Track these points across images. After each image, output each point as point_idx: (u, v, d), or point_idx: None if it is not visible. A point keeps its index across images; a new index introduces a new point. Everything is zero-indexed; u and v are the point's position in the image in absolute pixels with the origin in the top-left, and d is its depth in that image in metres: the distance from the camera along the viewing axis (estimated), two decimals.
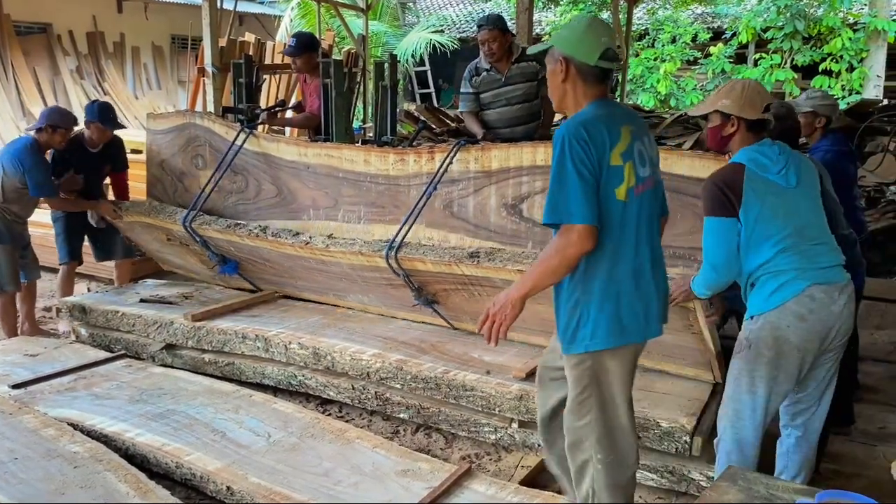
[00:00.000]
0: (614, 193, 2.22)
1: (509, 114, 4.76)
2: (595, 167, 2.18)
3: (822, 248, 2.58)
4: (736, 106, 2.61)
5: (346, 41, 13.11)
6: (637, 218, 2.29)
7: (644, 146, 2.34)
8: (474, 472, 3.05)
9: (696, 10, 17.39)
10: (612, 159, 2.21)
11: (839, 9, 14.05)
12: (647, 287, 2.33)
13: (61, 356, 4.30)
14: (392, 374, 3.71)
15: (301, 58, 5.25)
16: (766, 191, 2.53)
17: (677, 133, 6.78)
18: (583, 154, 2.16)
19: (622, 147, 2.24)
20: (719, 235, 2.56)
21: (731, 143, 2.67)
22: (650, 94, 15.13)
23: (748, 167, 2.56)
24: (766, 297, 2.54)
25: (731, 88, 2.68)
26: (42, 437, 3.20)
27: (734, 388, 2.65)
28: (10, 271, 4.68)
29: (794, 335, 2.50)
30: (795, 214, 2.54)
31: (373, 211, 4.43)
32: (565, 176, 2.18)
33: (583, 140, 2.17)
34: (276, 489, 2.86)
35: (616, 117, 2.29)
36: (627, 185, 2.24)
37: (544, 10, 17.22)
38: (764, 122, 2.64)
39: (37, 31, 12.86)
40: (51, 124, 4.58)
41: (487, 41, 4.65)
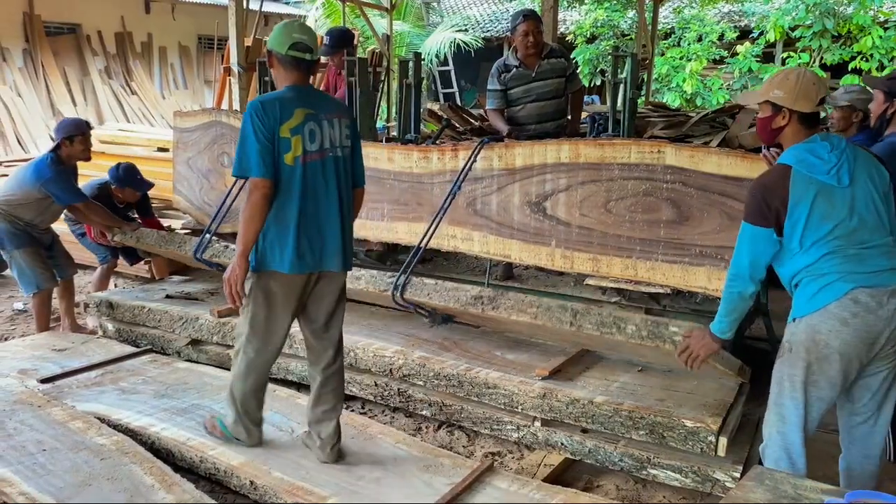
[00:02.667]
0: (283, 158, 2.82)
1: (538, 110, 4.73)
2: (269, 135, 2.78)
3: (874, 250, 2.42)
4: (789, 98, 2.47)
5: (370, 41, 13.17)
6: (303, 179, 2.86)
7: (320, 128, 2.91)
8: (496, 469, 3.04)
9: (722, 8, 17.20)
10: (282, 132, 2.81)
11: (869, 7, 13.83)
12: (315, 232, 2.92)
13: (88, 351, 4.36)
14: (414, 371, 3.71)
15: (338, 56, 5.30)
16: (815, 193, 2.40)
17: (704, 132, 6.70)
18: (259, 124, 2.78)
19: (292, 124, 2.83)
20: (750, 243, 2.50)
21: (782, 136, 2.55)
22: (676, 93, 14.99)
23: (795, 169, 2.43)
24: (808, 299, 2.45)
25: (785, 78, 2.52)
26: (70, 429, 3.24)
27: (777, 392, 2.56)
28: (41, 271, 4.74)
29: (836, 339, 2.39)
30: (846, 215, 2.41)
31: (396, 208, 4.44)
32: (246, 140, 2.79)
33: (259, 114, 2.79)
34: (299, 484, 2.88)
35: (295, 101, 2.87)
36: (294, 154, 2.84)
37: (569, 9, 17.14)
38: (818, 115, 2.52)
39: (66, 31, 13.05)
40: (66, 136, 4.62)
41: (532, 32, 4.61)
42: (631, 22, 15.99)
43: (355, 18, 13.45)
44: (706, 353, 2.69)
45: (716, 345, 2.67)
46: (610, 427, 3.22)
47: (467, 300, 3.55)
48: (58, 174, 4.55)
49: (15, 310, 5.62)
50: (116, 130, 8.72)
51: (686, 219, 3.51)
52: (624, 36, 16.25)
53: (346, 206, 3.03)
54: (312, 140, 2.89)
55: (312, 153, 2.89)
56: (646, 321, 3.06)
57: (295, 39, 2.88)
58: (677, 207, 3.53)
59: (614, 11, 16.34)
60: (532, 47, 4.63)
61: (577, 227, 3.82)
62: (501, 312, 3.45)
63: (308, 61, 2.93)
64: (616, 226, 3.70)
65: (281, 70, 2.93)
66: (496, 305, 3.46)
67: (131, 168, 5.02)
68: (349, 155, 3.06)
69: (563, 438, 3.32)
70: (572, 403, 3.26)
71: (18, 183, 4.65)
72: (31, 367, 4.07)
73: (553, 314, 3.30)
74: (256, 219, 2.80)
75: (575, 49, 16.28)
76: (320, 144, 2.92)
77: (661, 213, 3.57)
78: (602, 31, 16.40)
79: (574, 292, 4.16)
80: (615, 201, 3.69)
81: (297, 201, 2.87)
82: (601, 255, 3.77)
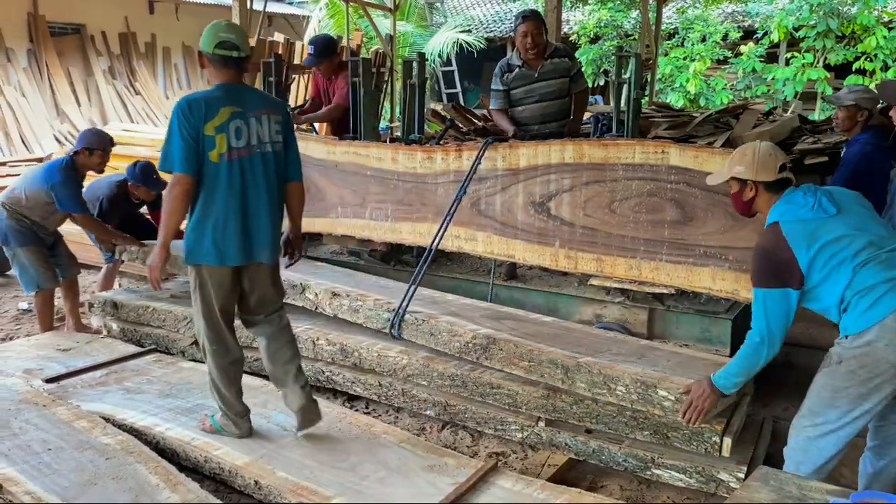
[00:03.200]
0: (208, 155, 2.92)
1: (541, 110, 4.66)
2: (193, 133, 2.88)
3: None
4: (750, 171, 2.60)
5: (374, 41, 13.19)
6: (229, 175, 2.96)
7: (247, 125, 2.99)
8: (500, 469, 3.04)
9: (726, 8, 17.17)
10: (206, 130, 2.90)
11: (874, 7, 13.80)
12: (243, 226, 3.02)
13: (93, 351, 4.37)
14: (418, 371, 3.71)
15: (323, 65, 5.28)
16: (812, 228, 2.46)
17: (707, 132, 6.69)
18: (185, 122, 2.88)
19: (217, 122, 2.91)
20: (764, 306, 2.53)
21: (756, 205, 2.66)
22: (679, 94, 14.97)
23: (782, 222, 2.51)
24: (860, 314, 2.42)
25: (743, 154, 2.65)
26: (75, 428, 3.25)
27: (815, 401, 2.55)
28: (43, 270, 4.76)
29: (893, 353, 2.36)
30: (855, 231, 2.45)
31: (400, 209, 4.44)
32: (171, 137, 2.91)
33: (185, 113, 2.88)
34: (303, 483, 2.88)
35: (222, 99, 2.96)
36: (219, 151, 2.93)
37: (572, 9, 17.13)
38: (785, 180, 2.60)
39: (70, 31, 13.07)
40: (87, 147, 4.64)
41: (531, 33, 4.53)
42: (634, 22, 15.98)
43: (359, 19, 13.47)
44: (711, 406, 2.72)
45: (717, 399, 2.71)
46: (614, 427, 3.22)
47: (461, 346, 3.52)
48: (66, 179, 4.56)
49: (20, 309, 5.64)
50: (120, 130, 8.75)
51: (690, 219, 3.51)
52: (627, 36, 16.24)
53: (275, 200, 3.13)
54: (238, 137, 2.98)
55: (239, 150, 2.99)
56: (636, 382, 3.01)
57: (221, 38, 2.98)
58: (681, 208, 3.52)
59: (618, 12, 16.32)
60: (531, 48, 4.57)
61: (580, 227, 3.82)
62: (494, 363, 3.43)
63: (236, 58, 3.01)
64: (620, 226, 3.70)
65: (211, 69, 3.03)
66: (490, 356, 3.43)
67: (148, 167, 5.04)
68: (281, 150, 3.14)
69: (567, 439, 3.32)
70: (576, 404, 3.26)
71: (29, 183, 4.67)
72: (36, 367, 4.08)
73: (544, 369, 3.26)
74: (176, 212, 2.97)
75: (578, 49, 16.27)
76: (247, 141, 3.01)
77: (665, 213, 3.57)
78: (605, 31, 16.39)
79: (578, 293, 4.15)
80: (619, 201, 3.69)
81: (223, 196, 2.98)
82: (605, 256, 3.77)
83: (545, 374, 3.26)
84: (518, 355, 3.34)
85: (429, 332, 3.64)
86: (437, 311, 3.83)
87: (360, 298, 3.92)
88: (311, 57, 5.29)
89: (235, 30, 3.09)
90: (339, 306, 3.98)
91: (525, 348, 3.35)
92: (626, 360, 3.25)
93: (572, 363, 3.19)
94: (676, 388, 2.92)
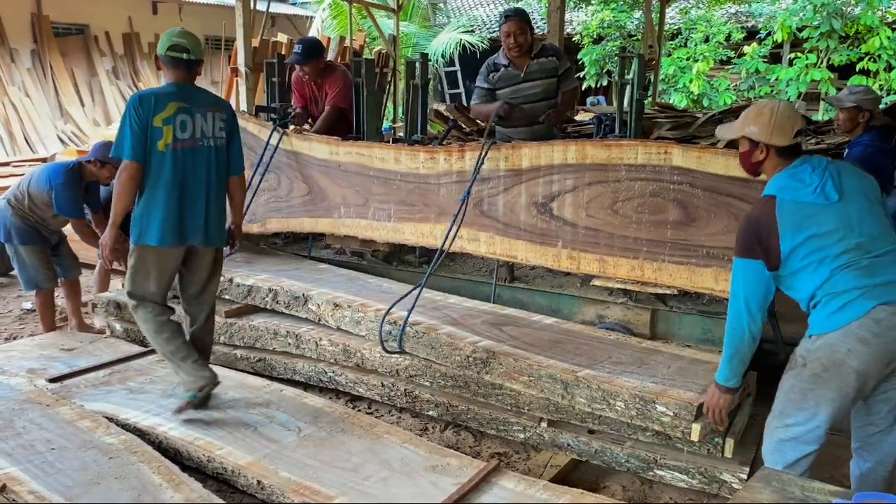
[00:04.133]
0: (156, 145, 3.26)
1: (531, 112, 4.54)
2: (142, 125, 3.22)
3: (885, 259, 2.39)
4: (764, 133, 2.50)
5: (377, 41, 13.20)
6: (173, 163, 3.30)
7: (193, 119, 3.33)
8: (503, 469, 3.04)
9: (729, 9, 17.14)
10: (155, 122, 3.25)
11: (877, 7, 13.77)
12: (183, 211, 3.33)
13: (96, 350, 4.37)
14: (421, 372, 3.72)
15: (308, 65, 5.20)
16: (805, 215, 2.41)
17: (710, 133, 6.69)
18: (135, 115, 3.23)
19: (164, 115, 3.26)
20: (742, 277, 2.51)
21: (763, 169, 2.57)
22: (683, 94, 14.94)
23: (779, 198, 2.45)
24: (827, 316, 2.40)
25: (759, 113, 2.54)
26: (78, 428, 3.26)
27: (784, 403, 2.53)
28: (43, 270, 4.77)
29: (855, 359, 2.35)
30: (846, 228, 2.39)
31: (403, 209, 4.44)
32: (123, 127, 3.25)
33: (136, 106, 3.23)
34: (306, 483, 2.88)
35: (172, 95, 3.31)
36: (165, 141, 3.27)
37: (576, 9, 17.11)
38: (797, 146, 2.52)
39: (74, 32, 13.11)
40: (99, 159, 4.63)
41: (514, 33, 4.42)
42: (637, 23, 15.97)
43: (362, 19, 13.48)
44: (725, 404, 2.67)
45: (728, 395, 2.65)
46: (616, 428, 3.22)
47: (461, 360, 3.51)
48: (69, 182, 4.57)
49: (23, 309, 5.65)
50: None
51: (693, 220, 3.51)
52: (630, 37, 16.23)
53: (214, 190, 3.46)
54: (183, 130, 3.32)
55: (183, 141, 3.33)
56: (634, 398, 3.00)
57: (173, 42, 3.34)
58: (684, 208, 3.52)
59: (621, 12, 16.30)
60: (514, 48, 4.45)
61: (583, 227, 3.82)
62: (495, 378, 3.42)
63: (186, 60, 3.35)
64: (623, 227, 3.70)
65: (165, 69, 3.39)
66: (490, 370, 3.42)
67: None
68: (224, 145, 3.49)
69: (569, 439, 3.33)
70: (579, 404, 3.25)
71: (34, 181, 4.68)
72: (39, 367, 4.09)
73: (544, 384, 3.25)
74: (124, 195, 3.28)
75: (581, 50, 16.27)
76: (191, 134, 3.35)
77: (667, 214, 3.57)
78: (609, 31, 16.37)
79: (580, 293, 4.15)
80: (622, 202, 3.69)
81: (167, 183, 3.30)
82: (608, 256, 3.77)
83: (545, 389, 3.25)
84: (517, 370, 3.33)
85: (429, 344, 3.63)
86: (437, 320, 3.81)
87: (362, 309, 3.91)
88: (298, 56, 5.16)
89: (188, 36, 3.40)
90: (342, 318, 3.98)
91: (524, 362, 3.32)
92: (625, 371, 3.23)
93: (571, 378, 3.17)
94: (675, 403, 2.91)
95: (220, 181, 3.51)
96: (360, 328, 3.89)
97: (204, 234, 3.44)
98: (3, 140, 11.10)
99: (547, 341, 3.60)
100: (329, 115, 5.21)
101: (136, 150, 3.24)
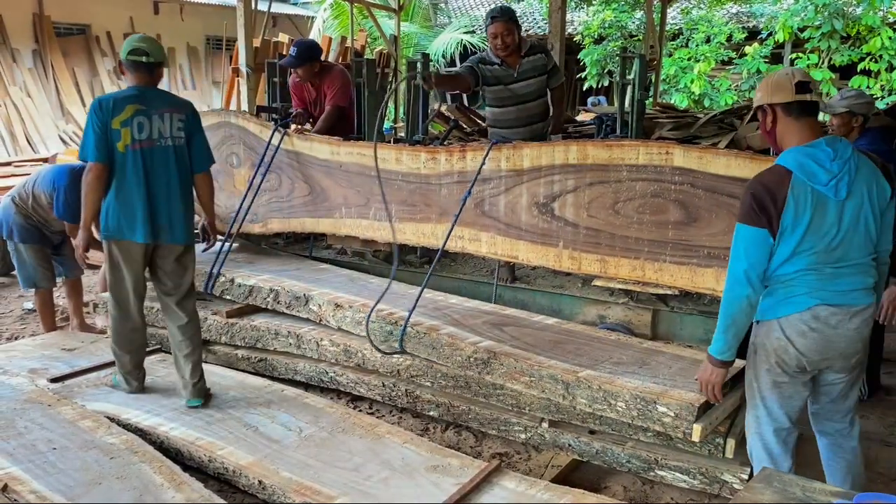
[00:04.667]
0: (116, 146, 3.46)
1: (526, 112, 4.51)
2: (103, 127, 3.42)
3: (850, 269, 2.42)
4: (765, 95, 2.48)
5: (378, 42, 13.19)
6: (133, 163, 3.48)
7: (150, 121, 3.51)
8: (504, 469, 3.04)
9: (731, 9, 17.13)
10: (114, 125, 3.44)
11: (878, 7, 13.76)
12: (145, 208, 3.50)
13: (98, 350, 4.38)
14: (422, 372, 3.72)
15: (302, 68, 5.15)
16: (810, 205, 2.35)
17: (712, 133, 6.68)
18: (96, 118, 3.44)
19: (122, 118, 3.44)
20: (745, 245, 2.43)
21: (778, 136, 2.49)
22: (684, 94, 14.93)
23: (795, 175, 2.36)
24: (773, 304, 2.48)
25: (762, 81, 2.55)
26: (79, 428, 3.26)
27: (749, 394, 2.65)
28: (42, 269, 4.77)
29: (792, 347, 2.46)
30: (833, 233, 2.38)
31: (404, 209, 4.44)
32: (87, 130, 3.47)
33: (97, 110, 3.44)
34: (307, 483, 2.89)
35: (130, 99, 3.49)
36: (124, 143, 3.46)
37: (577, 10, 17.11)
38: (806, 104, 2.42)
39: (76, 32, 13.11)
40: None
41: (501, 34, 4.32)
42: (639, 23, 15.96)
43: (363, 19, 13.48)
44: (717, 379, 2.60)
45: (722, 370, 2.59)
46: (618, 428, 3.22)
47: (462, 361, 3.51)
48: (73, 184, 4.54)
49: (25, 309, 5.66)
50: None
51: (694, 220, 3.50)
52: (632, 37, 16.22)
53: (175, 187, 3.60)
54: (141, 131, 3.50)
55: (141, 142, 3.50)
56: (635, 398, 3.00)
57: (133, 47, 3.52)
58: (685, 209, 3.52)
59: (622, 12, 16.29)
60: (502, 50, 4.36)
61: (584, 228, 3.82)
62: (496, 378, 3.41)
63: (146, 63, 3.53)
64: (624, 227, 3.70)
65: (128, 73, 3.57)
66: (491, 371, 3.42)
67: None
68: (183, 144, 3.64)
69: (570, 440, 3.33)
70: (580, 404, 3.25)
71: (39, 180, 4.68)
72: (40, 367, 4.09)
73: (545, 384, 3.25)
74: (90, 195, 3.48)
75: (583, 50, 16.26)
76: (149, 135, 3.52)
77: (669, 214, 3.57)
78: (610, 31, 16.36)
79: (582, 293, 4.15)
80: (623, 202, 3.69)
81: (128, 181, 3.49)
82: (609, 257, 3.77)
83: (546, 390, 3.25)
84: (518, 371, 3.33)
85: (430, 345, 3.63)
86: (439, 320, 3.81)
87: (363, 309, 3.91)
88: (292, 59, 5.10)
89: (148, 41, 3.60)
90: (343, 318, 3.98)
91: (525, 363, 3.32)
92: (626, 371, 3.23)
93: (572, 378, 3.17)
94: (676, 404, 2.90)
95: (183, 179, 3.66)
96: (360, 329, 3.89)
97: (168, 231, 3.59)
98: (5, 140, 11.11)
99: (548, 342, 3.60)
100: (329, 115, 5.18)
101: (99, 151, 3.43)
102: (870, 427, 3.64)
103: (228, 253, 4.68)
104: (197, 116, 3.77)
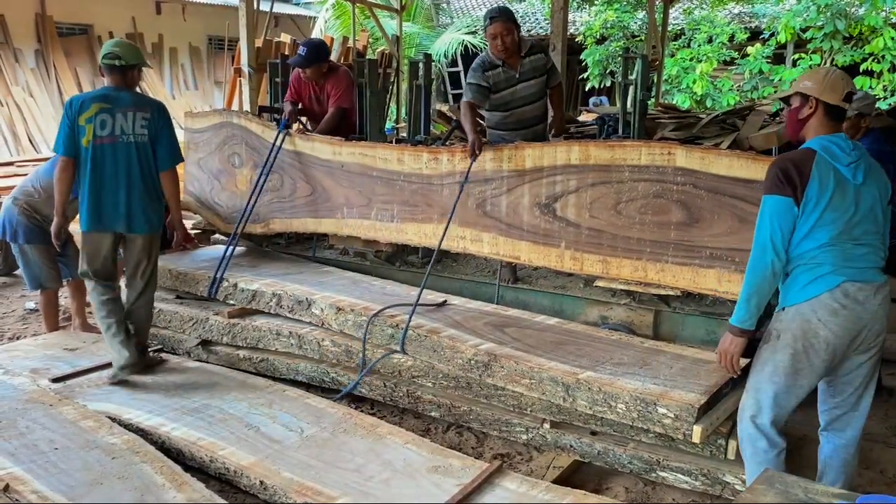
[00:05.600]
0: (81, 141, 3.77)
1: (529, 113, 4.47)
2: (71, 124, 3.75)
3: (865, 248, 2.54)
4: (817, 88, 2.58)
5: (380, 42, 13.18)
6: (94, 158, 3.78)
7: (113, 118, 3.78)
8: (505, 470, 3.04)
9: (733, 9, 17.11)
10: (80, 121, 3.75)
11: (881, 8, 13.74)
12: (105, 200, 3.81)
13: (99, 351, 4.37)
14: (423, 373, 3.71)
15: (311, 68, 5.13)
16: (832, 181, 2.49)
17: (714, 133, 6.66)
18: (66, 115, 3.76)
19: (87, 115, 3.75)
20: (770, 214, 2.53)
21: (807, 127, 2.62)
22: (686, 95, 14.91)
23: (819, 153, 2.52)
24: (800, 288, 2.54)
25: (815, 72, 2.64)
26: (81, 428, 3.26)
27: (757, 376, 2.65)
28: (47, 269, 4.77)
29: (824, 329, 2.50)
30: (851, 211, 2.50)
31: (406, 210, 4.44)
32: (59, 126, 3.80)
33: (68, 107, 3.78)
34: (308, 484, 2.88)
35: (97, 98, 3.81)
36: (87, 138, 3.77)
37: (579, 10, 17.09)
38: (842, 110, 2.60)
39: (78, 32, 13.12)
40: None
41: (500, 34, 4.22)
42: (641, 23, 15.95)
43: (365, 19, 13.49)
44: (738, 351, 2.66)
45: (742, 339, 2.65)
46: (619, 429, 3.22)
47: (463, 363, 3.50)
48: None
49: (27, 309, 5.66)
50: None
51: (696, 221, 3.50)
52: (634, 37, 16.20)
53: (137, 182, 3.86)
54: (103, 128, 3.78)
55: (103, 138, 3.78)
56: (636, 400, 2.99)
57: (108, 51, 3.83)
58: (688, 209, 3.52)
59: (624, 13, 16.28)
60: (502, 50, 4.27)
61: (586, 228, 3.82)
62: (497, 381, 3.41)
63: (119, 66, 3.83)
64: (626, 227, 3.69)
65: (105, 75, 3.87)
66: (491, 373, 3.41)
67: None
68: (146, 142, 3.88)
69: (572, 440, 3.32)
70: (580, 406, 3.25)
71: (42, 174, 4.69)
72: (42, 367, 4.09)
73: (545, 387, 3.24)
74: (58, 185, 3.83)
75: (585, 50, 16.25)
76: (111, 131, 3.79)
77: (671, 214, 3.57)
78: (612, 32, 16.35)
79: (584, 294, 4.15)
80: (625, 203, 3.68)
81: (91, 175, 3.79)
82: (611, 257, 3.76)
83: (546, 392, 3.25)
84: (519, 373, 3.32)
85: (431, 347, 3.63)
86: (440, 322, 3.81)
87: (364, 313, 3.91)
88: (301, 59, 5.08)
89: (122, 45, 3.90)
90: (345, 322, 3.98)
91: (526, 365, 3.31)
92: (627, 372, 3.22)
93: (572, 381, 3.16)
94: (676, 405, 2.90)
95: (145, 174, 3.90)
96: (362, 331, 3.89)
97: (126, 222, 3.87)
98: (7, 140, 11.11)
99: (549, 342, 3.59)
100: (333, 116, 5.17)
101: (66, 146, 3.77)
102: (871, 428, 3.63)
103: (232, 256, 4.67)
104: (164, 115, 3.97)
